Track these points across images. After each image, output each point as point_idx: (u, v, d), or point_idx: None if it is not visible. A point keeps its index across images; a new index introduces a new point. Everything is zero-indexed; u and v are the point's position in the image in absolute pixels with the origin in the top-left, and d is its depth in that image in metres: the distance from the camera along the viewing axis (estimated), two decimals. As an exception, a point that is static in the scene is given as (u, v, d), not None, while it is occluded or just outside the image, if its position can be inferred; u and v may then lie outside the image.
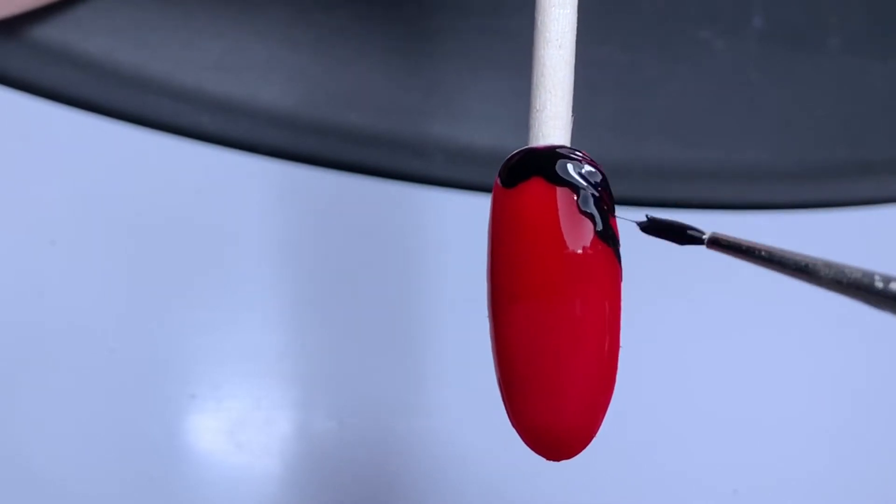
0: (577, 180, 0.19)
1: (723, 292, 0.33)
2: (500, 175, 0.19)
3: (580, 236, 0.18)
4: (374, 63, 0.32)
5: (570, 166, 0.19)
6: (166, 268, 0.30)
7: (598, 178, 0.19)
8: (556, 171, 0.18)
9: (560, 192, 0.18)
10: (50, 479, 0.28)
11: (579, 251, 0.18)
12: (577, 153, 0.19)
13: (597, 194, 0.19)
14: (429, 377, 0.31)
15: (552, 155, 0.19)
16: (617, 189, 0.33)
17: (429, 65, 0.32)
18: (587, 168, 0.19)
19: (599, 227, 0.19)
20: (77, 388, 0.29)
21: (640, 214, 0.32)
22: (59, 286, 0.30)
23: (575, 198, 0.18)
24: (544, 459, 0.19)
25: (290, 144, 0.32)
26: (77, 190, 0.30)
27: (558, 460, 0.19)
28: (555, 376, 0.18)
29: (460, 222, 0.32)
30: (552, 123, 0.19)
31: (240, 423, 0.29)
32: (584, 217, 0.18)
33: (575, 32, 0.20)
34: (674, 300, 0.33)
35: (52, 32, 0.31)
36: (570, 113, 0.19)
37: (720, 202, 0.34)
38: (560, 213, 0.18)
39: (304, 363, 0.30)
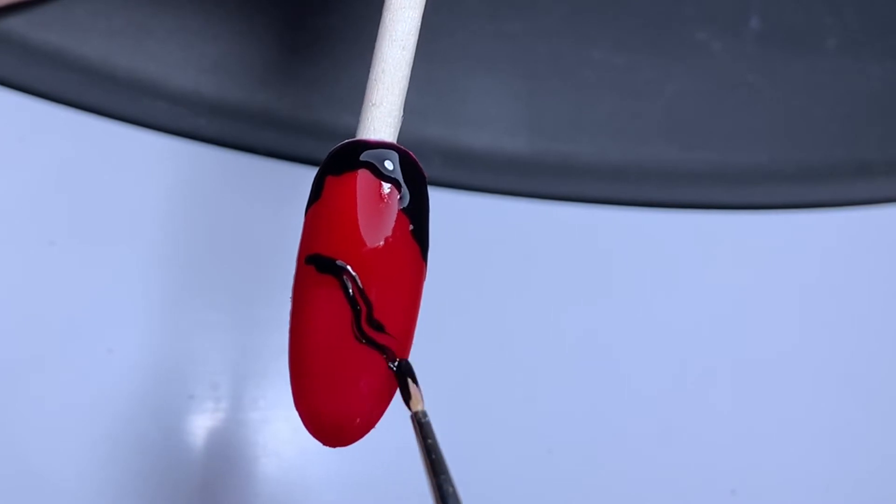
0: (401, 177, 0.19)
1: (723, 292, 0.33)
2: (327, 160, 0.20)
3: (393, 231, 0.19)
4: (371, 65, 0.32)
5: (396, 164, 0.19)
6: (164, 268, 0.30)
7: (421, 178, 0.19)
8: (383, 167, 0.19)
9: (383, 186, 0.19)
10: (48, 479, 0.28)
11: (390, 245, 0.19)
12: (407, 153, 0.20)
13: (416, 195, 0.19)
14: (429, 377, 0.31)
15: (382, 150, 0.19)
16: (615, 191, 0.33)
17: (426, 67, 0.32)
18: (412, 168, 0.19)
19: (412, 225, 0.19)
20: (75, 389, 0.29)
21: (642, 215, 0.32)
22: (57, 286, 0.30)
23: (397, 194, 0.19)
24: (321, 444, 0.20)
25: (287, 146, 0.32)
26: (76, 190, 0.30)
27: (335, 447, 0.20)
28: (345, 365, 0.19)
29: (458, 223, 0.32)
30: (385, 120, 0.20)
31: (238, 424, 0.29)
32: (400, 213, 0.19)
33: (418, 35, 0.20)
34: (672, 300, 0.33)
35: (50, 36, 0.31)
36: (401, 113, 0.20)
37: (718, 203, 0.34)
38: (380, 206, 0.19)
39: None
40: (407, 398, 0.19)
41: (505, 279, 0.32)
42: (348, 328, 0.19)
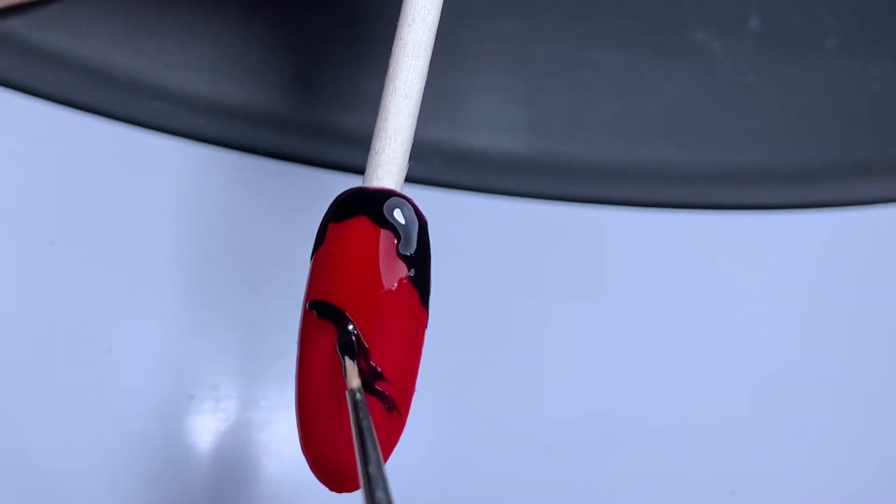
0: (399, 225, 0.19)
1: (723, 292, 0.33)
2: (331, 208, 0.20)
3: (391, 278, 0.19)
4: (370, 66, 0.32)
5: (396, 211, 0.20)
6: (164, 268, 0.30)
7: (419, 226, 0.20)
8: (381, 214, 0.19)
9: (382, 233, 0.19)
10: (47, 479, 0.28)
11: (389, 291, 0.19)
12: (406, 200, 0.20)
13: (415, 242, 0.20)
14: (428, 377, 0.31)
15: (381, 197, 0.20)
16: (615, 191, 0.33)
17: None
18: (411, 215, 0.20)
19: (412, 272, 0.19)
20: (74, 389, 0.29)
21: (642, 215, 0.32)
22: (56, 286, 0.30)
23: (395, 241, 0.19)
24: (327, 489, 0.20)
25: (287, 147, 0.32)
26: (76, 190, 0.30)
27: (341, 492, 0.20)
28: (345, 412, 0.19)
29: (457, 223, 0.32)
30: (388, 168, 0.20)
31: (238, 424, 0.29)
32: (399, 260, 0.19)
33: (423, 84, 0.20)
34: (672, 300, 0.33)
35: (50, 36, 0.31)
36: (407, 160, 0.20)
37: (718, 203, 0.34)
38: (378, 253, 0.19)
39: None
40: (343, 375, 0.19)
41: (505, 279, 0.32)
42: None
